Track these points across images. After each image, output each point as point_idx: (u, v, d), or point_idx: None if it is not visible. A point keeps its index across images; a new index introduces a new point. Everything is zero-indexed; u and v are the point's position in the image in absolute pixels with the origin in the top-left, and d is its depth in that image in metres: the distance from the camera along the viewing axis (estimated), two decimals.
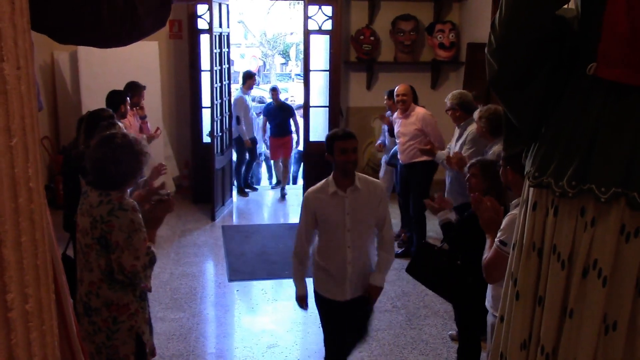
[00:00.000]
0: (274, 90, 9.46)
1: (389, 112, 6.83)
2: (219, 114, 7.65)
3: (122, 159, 2.76)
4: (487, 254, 2.88)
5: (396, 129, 6.27)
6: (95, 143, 2.85)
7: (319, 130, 8.62)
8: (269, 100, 10.58)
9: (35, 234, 1.00)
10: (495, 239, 2.81)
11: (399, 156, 6.32)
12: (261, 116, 9.88)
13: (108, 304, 2.79)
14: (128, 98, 5.78)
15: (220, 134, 7.74)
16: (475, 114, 4.65)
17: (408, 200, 6.36)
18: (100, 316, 2.79)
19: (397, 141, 6.28)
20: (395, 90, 6.26)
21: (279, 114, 9.17)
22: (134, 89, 6.17)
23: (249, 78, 8.88)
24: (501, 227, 2.83)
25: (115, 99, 5.65)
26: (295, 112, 9.57)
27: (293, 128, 9.41)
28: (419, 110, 6.10)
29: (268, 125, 9.39)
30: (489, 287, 3.16)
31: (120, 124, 4.40)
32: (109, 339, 2.80)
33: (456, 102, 5.22)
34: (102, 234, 2.71)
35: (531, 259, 2.05)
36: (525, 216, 2.10)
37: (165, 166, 4.25)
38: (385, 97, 6.89)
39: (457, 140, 5.23)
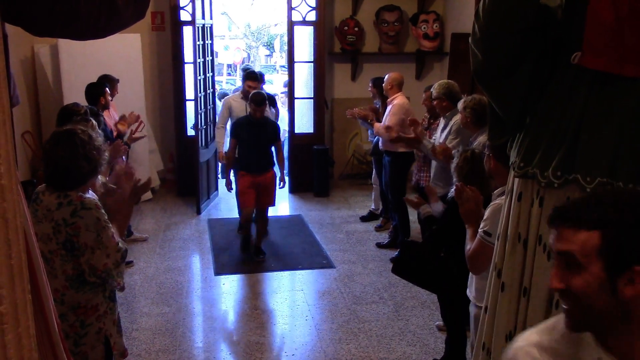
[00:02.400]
0: (259, 102, 5.71)
1: (376, 102, 6.86)
2: (203, 107, 7.59)
3: (82, 156, 2.62)
4: (469, 245, 2.87)
5: None
6: (51, 142, 2.67)
7: (305, 122, 8.59)
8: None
9: (9, 233, 0.96)
10: (479, 230, 2.80)
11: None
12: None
13: (75, 307, 2.66)
14: (107, 89, 5.72)
15: (204, 126, 7.68)
16: (460, 104, 4.63)
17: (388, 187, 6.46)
18: (67, 321, 2.65)
19: None
20: None
21: (258, 136, 5.88)
22: (109, 82, 6.09)
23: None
24: (484, 218, 2.82)
25: (93, 92, 5.59)
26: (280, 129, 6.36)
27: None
28: (397, 100, 6.12)
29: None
30: (472, 277, 3.16)
31: (93, 121, 4.32)
32: (77, 344, 2.68)
33: (443, 91, 5.18)
34: (68, 237, 2.58)
35: (516, 250, 2.04)
36: (510, 207, 2.09)
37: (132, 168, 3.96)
38: (370, 85, 6.88)
39: (442, 130, 5.21)
